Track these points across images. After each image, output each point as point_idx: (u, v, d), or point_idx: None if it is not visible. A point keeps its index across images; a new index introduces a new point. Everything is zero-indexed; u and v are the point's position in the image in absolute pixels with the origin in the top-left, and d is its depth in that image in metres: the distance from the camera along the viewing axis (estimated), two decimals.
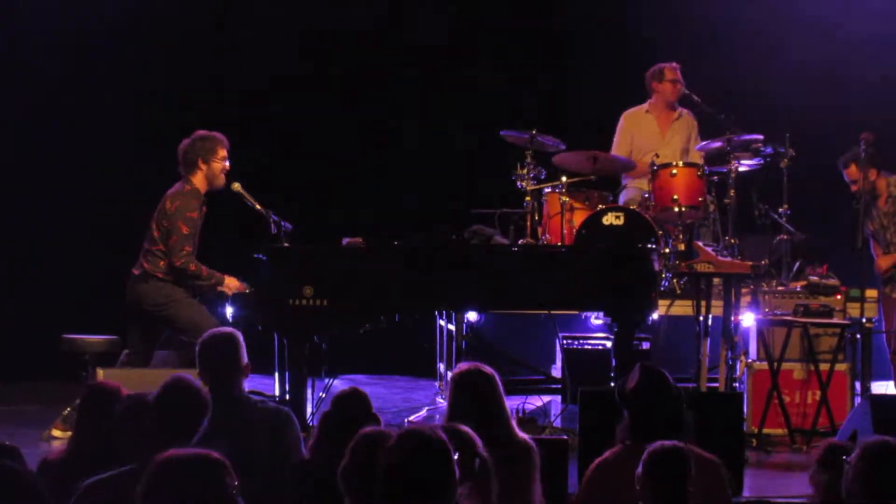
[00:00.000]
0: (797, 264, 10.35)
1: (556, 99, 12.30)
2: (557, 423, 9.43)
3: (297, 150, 12.35)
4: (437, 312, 10.85)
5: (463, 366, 6.00)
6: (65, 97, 11.96)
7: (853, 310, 9.73)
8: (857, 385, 9.57)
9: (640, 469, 5.02)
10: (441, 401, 10.72)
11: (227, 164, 9.13)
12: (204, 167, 9.06)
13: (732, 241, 10.14)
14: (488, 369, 5.91)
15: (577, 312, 10.36)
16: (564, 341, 10.49)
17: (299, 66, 12.45)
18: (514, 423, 5.93)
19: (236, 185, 9.15)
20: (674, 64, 11.12)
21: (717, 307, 9.84)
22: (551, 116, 11.17)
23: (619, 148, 11.19)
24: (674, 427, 5.58)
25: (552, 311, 9.58)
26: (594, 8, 12.67)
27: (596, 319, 10.51)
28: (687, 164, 10.23)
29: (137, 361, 8.89)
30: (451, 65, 12.52)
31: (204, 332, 6.77)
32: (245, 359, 6.38)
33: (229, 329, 6.52)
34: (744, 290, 9.92)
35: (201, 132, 9.15)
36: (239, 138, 9.40)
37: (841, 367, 9.43)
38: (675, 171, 10.08)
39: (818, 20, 12.30)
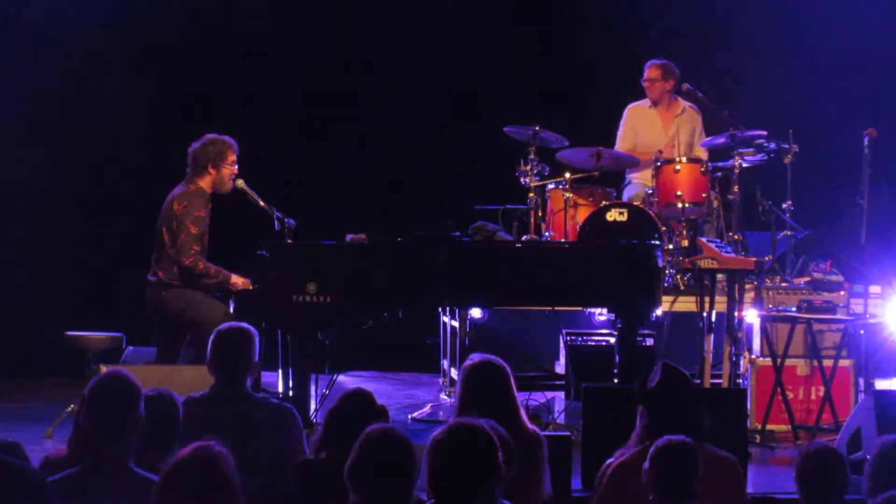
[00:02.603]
0: (801, 260, 10.35)
1: (559, 95, 12.28)
2: (561, 419, 9.42)
3: (300, 146, 12.34)
4: (440, 309, 10.86)
5: (474, 357, 6.01)
6: (67, 96, 11.95)
7: (857, 306, 9.72)
8: (861, 381, 9.55)
9: (647, 463, 5.04)
10: (445, 397, 10.72)
11: (236, 168, 9.12)
12: (213, 172, 9.05)
13: (736, 237, 10.15)
14: (499, 361, 5.93)
15: (580, 309, 10.35)
16: (568, 338, 10.48)
17: (302, 63, 12.44)
18: (524, 414, 5.95)
19: (240, 182, 9.14)
20: (651, 63, 11.15)
21: (721, 303, 9.83)
22: (554, 112, 11.15)
23: (622, 141, 11.21)
24: (694, 427, 5.58)
25: (556, 308, 9.57)
26: (597, 2, 12.66)
27: (600, 316, 10.51)
28: (691, 160, 10.24)
29: (166, 362, 8.83)
30: (454, 60, 12.51)
31: None
32: (256, 357, 6.36)
33: (245, 325, 6.48)
34: (747, 287, 9.92)
35: (212, 136, 9.12)
36: (240, 134, 9.38)
37: (844, 363, 9.42)
38: (678, 166, 10.09)
39: (822, 15, 12.28)
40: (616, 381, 8.98)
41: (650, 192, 10.29)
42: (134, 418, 4.99)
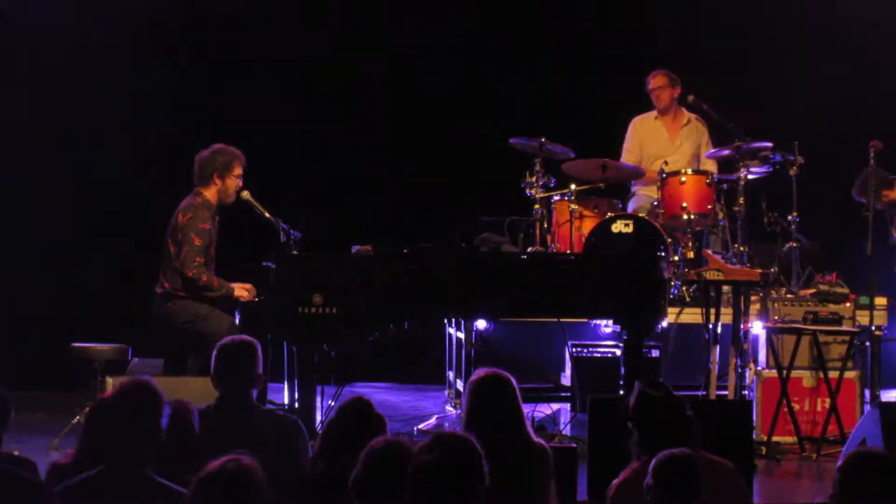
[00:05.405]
0: (806, 272, 10.34)
1: (565, 106, 12.28)
2: (566, 431, 9.42)
3: (306, 157, 12.35)
4: (446, 320, 10.86)
5: (481, 371, 6.03)
6: (74, 105, 11.97)
7: (863, 317, 9.71)
8: (867, 393, 9.55)
9: (648, 479, 5.03)
10: (450, 409, 10.72)
11: (241, 181, 9.13)
12: (218, 182, 9.06)
13: (742, 248, 10.14)
14: (506, 375, 5.95)
15: (586, 320, 10.35)
16: (573, 349, 10.47)
17: (307, 71, 12.46)
18: (530, 428, 5.97)
19: (245, 193, 9.15)
20: (655, 72, 11.16)
21: (727, 315, 9.82)
22: (560, 124, 11.16)
23: (629, 154, 11.22)
24: (680, 435, 5.59)
25: (561, 319, 9.56)
26: (603, 14, 12.68)
27: (606, 327, 10.50)
28: (696, 172, 10.24)
29: (174, 373, 8.83)
30: (460, 71, 12.52)
31: None
32: (260, 369, 6.36)
33: (248, 338, 6.48)
34: (753, 298, 9.91)
35: (220, 146, 9.13)
36: (246, 144, 9.39)
37: (850, 374, 9.41)
38: (684, 178, 10.10)
39: (829, 26, 12.30)
40: (622, 392, 8.96)
41: (656, 203, 10.29)
42: (156, 426, 5.15)
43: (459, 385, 10.49)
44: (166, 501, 4.89)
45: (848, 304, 9.77)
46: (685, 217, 10.02)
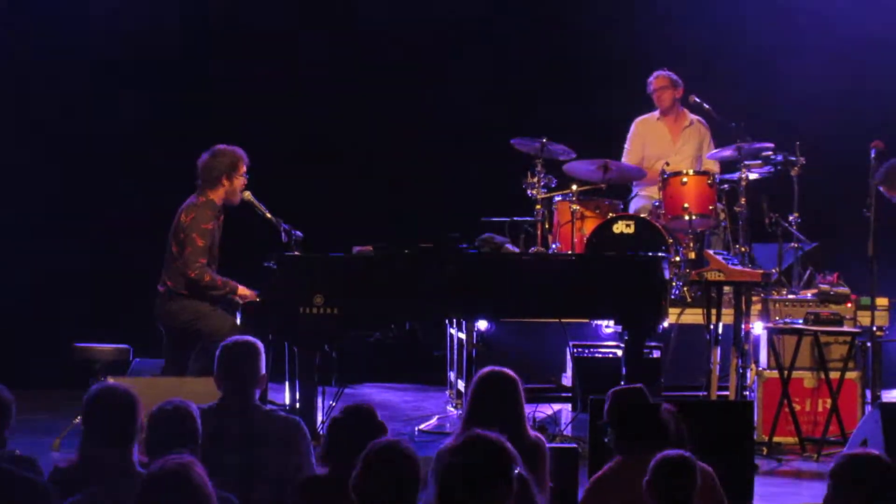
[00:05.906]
0: (808, 272, 10.34)
1: (566, 107, 12.27)
2: (568, 431, 9.43)
3: (306, 157, 12.35)
4: (447, 321, 10.85)
5: (486, 368, 6.07)
6: (76, 107, 11.98)
7: (864, 318, 9.71)
8: (868, 393, 9.55)
9: (646, 478, 5.05)
10: (452, 409, 10.71)
11: (247, 179, 9.12)
12: (227, 183, 9.03)
13: (743, 249, 10.15)
14: (511, 374, 6.01)
15: (587, 321, 10.35)
16: (575, 350, 10.47)
17: (306, 72, 12.46)
18: (528, 424, 6.03)
19: (247, 194, 9.14)
20: (657, 74, 11.16)
21: (728, 315, 9.83)
22: (562, 124, 11.16)
23: (631, 154, 11.21)
24: (655, 433, 5.66)
25: (563, 320, 9.57)
26: (604, 15, 12.67)
27: (607, 328, 10.50)
28: (697, 173, 10.25)
29: (174, 372, 8.84)
30: (461, 72, 12.51)
31: None
32: (263, 370, 6.36)
33: (251, 338, 6.48)
34: (754, 299, 9.91)
35: (222, 147, 9.10)
36: (247, 145, 9.39)
37: (851, 375, 9.41)
38: (685, 179, 10.09)
39: (829, 27, 12.29)
40: None
41: (657, 204, 10.29)
42: (134, 427, 5.24)
43: (461, 385, 10.49)
44: None
45: (849, 305, 9.78)
46: (686, 218, 10.02)
